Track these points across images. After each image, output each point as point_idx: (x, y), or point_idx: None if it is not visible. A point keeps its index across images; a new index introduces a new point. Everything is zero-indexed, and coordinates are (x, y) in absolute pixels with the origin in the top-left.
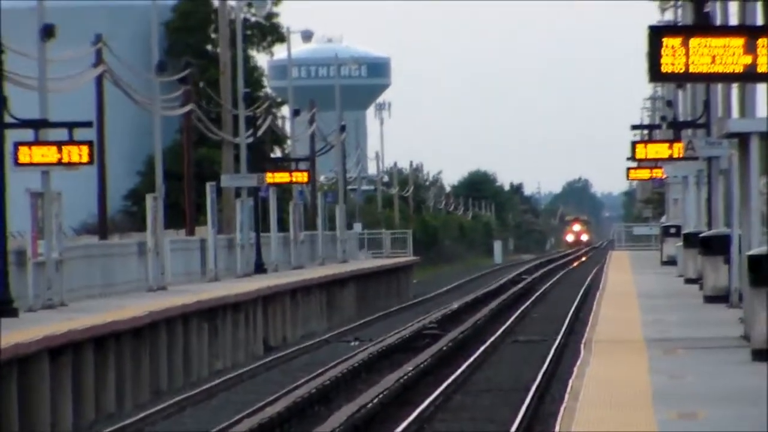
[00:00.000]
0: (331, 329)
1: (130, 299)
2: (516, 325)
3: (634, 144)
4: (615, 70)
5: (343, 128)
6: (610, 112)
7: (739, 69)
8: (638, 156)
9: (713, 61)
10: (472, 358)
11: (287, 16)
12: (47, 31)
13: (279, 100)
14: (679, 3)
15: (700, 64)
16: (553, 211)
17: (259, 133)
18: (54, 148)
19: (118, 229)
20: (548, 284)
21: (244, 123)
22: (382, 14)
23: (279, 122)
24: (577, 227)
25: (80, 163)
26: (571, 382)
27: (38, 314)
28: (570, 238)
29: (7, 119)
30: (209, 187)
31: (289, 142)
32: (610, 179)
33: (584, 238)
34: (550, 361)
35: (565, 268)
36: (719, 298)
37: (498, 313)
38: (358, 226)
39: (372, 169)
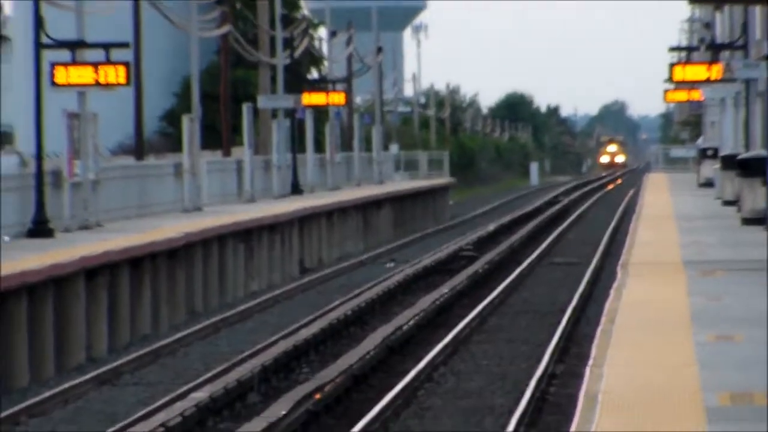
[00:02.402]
0: (367, 251)
1: (166, 220)
2: (552, 247)
3: (671, 66)
4: None
5: (379, 50)
6: (648, 34)
7: None
8: (676, 78)
9: None
10: (508, 280)
11: None
12: None
13: (316, 21)
14: None
15: None
16: (590, 133)
17: (296, 54)
18: (90, 69)
19: (154, 150)
20: (585, 206)
21: (282, 44)
22: None
23: (316, 43)
24: (612, 148)
25: (117, 84)
26: (607, 304)
27: (74, 235)
28: (605, 159)
29: (44, 40)
30: (246, 108)
31: (326, 63)
32: (648, 101)
33: (619, 159)
34: (587, 283)
35: (601, 190)
36: (757, 220)
37: (534, 235)
38: (394, 148)
39: (409, 91)
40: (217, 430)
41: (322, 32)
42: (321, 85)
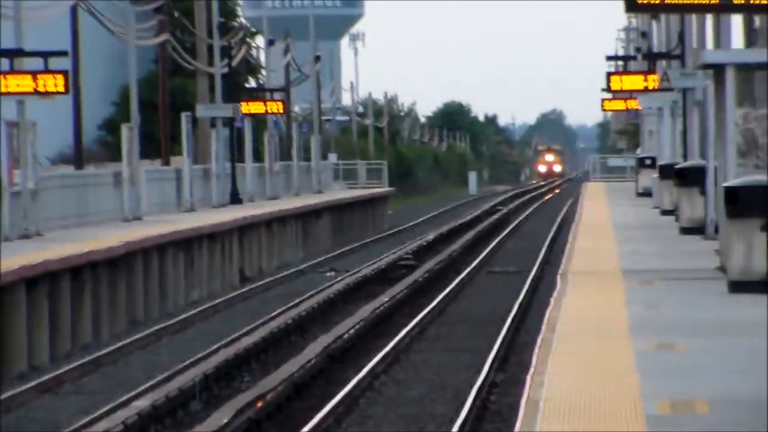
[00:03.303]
0: (306, 260)
1: (105, 229)
2: (491, 257)
3: (609, 75)
4: (590, 1)
5: (317, 58)
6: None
7: (714, 0)
8: (613, 87)
9: None
10: (447, 290)
11: None
12: None
13: (254, 30)
14: None
15: None
16: (528, 142)
17: (234, 63)
18: (29, 77)
19: (93, 159)
20: (523, 215)
21: (219, 53)
22: None
23: (254, 52)
24: (549, 157)
25: (55, 93)
26: (547, 313)
27: (14, 244)
28: (542, 168)
29: None
30: (184, 117)
31: (263, 72)
32: (585, 110)
33: (557, 169)
34: (526, 292)
35: (540, 199)
36: (695, 229)
37: (473, 245)
38: (333, 157)
39: (347, 100)
40: None
41: (260, 41)
42: (259, 94)
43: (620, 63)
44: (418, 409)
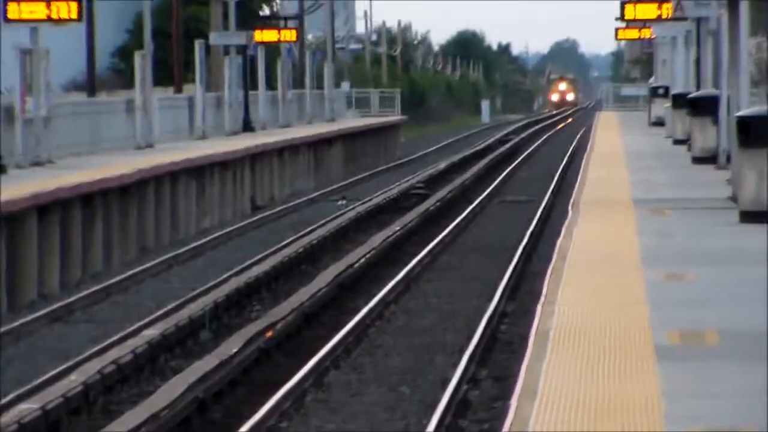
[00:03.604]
0: (318, 188)
1: (117, 157)
2: (503, 186)
3: (623, 4)
4: None
5: None
6: None
7: None
8: (627, 16)
9: None
10: (459, 219)
11: None
12: None
13: None
14: None
15: None
16: (541, 70)
17: None
18: (42, 4)
19: (106, 87)
20: (535, 144)
21: None
22: None
23: None
24: (562, 86)
25: (69, 20)
26: (558, 242)
27: (26, 171)
28: (555, 97)
29: None
30: (198, 44)
31: (277, 0)
32: (599, 39)
33: (570, 97)
34: (538, 221)
35: (552, 128)
36: (707, 159)
37: (485, 173)
38: (346, 85)
39: (360, 28)
40: (169, 367)
41: None
42: (273, 22)
43: None
44: (428, 338)
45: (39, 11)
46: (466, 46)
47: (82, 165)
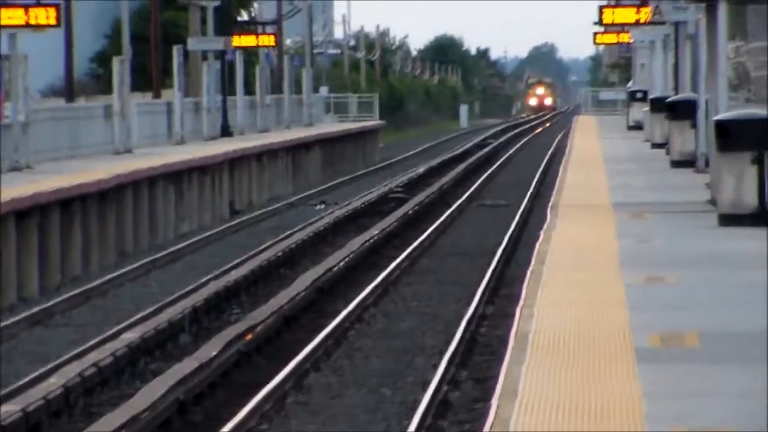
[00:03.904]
0: (296, 193)
1: (96, 162)
2: (482, 190)
3: (601, 8)
4: None
5: None
6: None
7: None
8: (605, 20)
9: None
10: (438, 222)
11: None
12: None
13: None
14: None
15: None
16: (520, 75)
17: None
18: (21, 11)
19: (84, 92)
20: (514, 149)
21: None
22: None
23: None
24: (540, 90)
25: (47, 26)
26: (537, 245)
27: (4, 176)
28: (533, 102)
29: None
30: (176, 50)
31: (255, 5)
32: (577, 44)
33: (548, 102)
34: (516, 225)
35: (531, 132)
36: (686, 162)
37: (464, 178)
38: (324, 90)
39: (338, 34)
40: (149, 370)
41: None
42: (251, 27)
43: None
44: (407, 341)
45: (17, 17)
46: (445, 51)
47: (61, 170)
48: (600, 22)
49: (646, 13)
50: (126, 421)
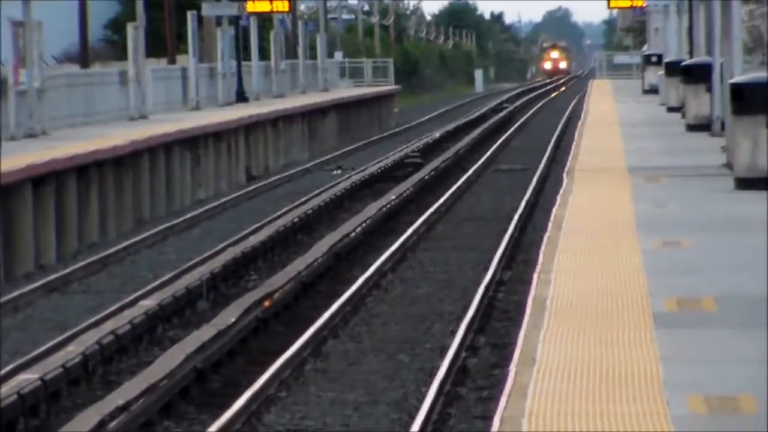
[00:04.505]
0: (312, 158)
1: (111, 128)
2: (498, 154)
3: None
4: None
5: None
6: None
7: None
8: None
9: None
10: (454, 187)
11: None
12: None
13: None
14: None
15: None
16: (534, 39)
17: None
18: None
19: (99, 58)
20: (529, 113)
21: None
22: None
23: None
24: (555, 54)
25: None
26: (554, 210)
27: (20, 143)
28: (548, 65)
29: None
30: (190, 15)
31: None
32: (592, 8)
33: (563, 66)
34: (533, 190)
35: (546, 96)
36: (701, 126)
37: (480, 142)
38: (339, 55)
39: None
40: (167, 337)
41: None
42: None
43: None
44: (425, 307)
45: None
46: (459, 15)
47: (77, 136)
48: None
49: None
50: (144, 390)
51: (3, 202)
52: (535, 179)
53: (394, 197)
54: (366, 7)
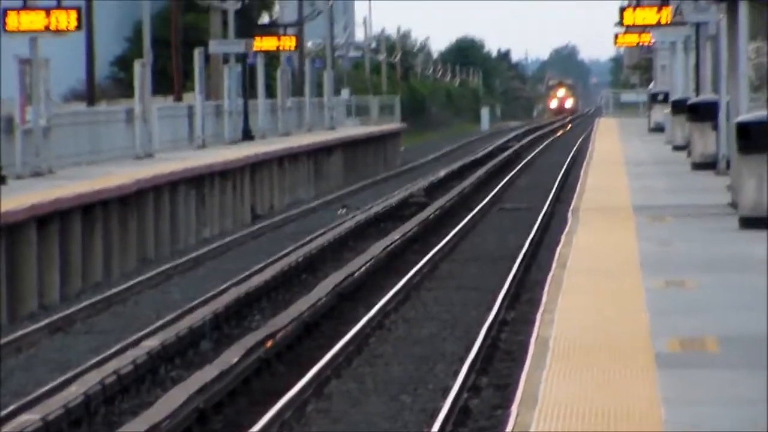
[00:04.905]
0: (318, 197)
1: (117, 166)
2: (503, 193)
3: (622, 9)
4: None
5: None
6: None
7: None
8: (626, 22)
9: None
10: (459, 227)
11: None
12: None
13: None
14: None
15: None
16: (541, 77)
17: None
18: (42, 14)
19: (105, 96)
20: (536, 151)
21: None
22: None
23: None
24: (561, 92)
25: (68, 30)
26: (558, 249)
27: (26, 181)
28: (554, 104)
29: None
30: (197, 53)
31: (276, 7)
32: (598, 45)
33: (569, 104)
34: (537, 228)
35: (552, 135)
36: (707, 164)
37: (485, 181)
38: (345, 93)
39: (360, 36)
40: (170, 377)
41: None
42: (272, 29)
43: None
44: (428, 347)
45: (38, 21)
46: (465, 53)
47: (82, 175)
48: (621, 24)
49: (667, 14)
50: (146, 430)
51: (7, 241)
52: (539, 218)
53: (398, 236)
54: (373, 45)
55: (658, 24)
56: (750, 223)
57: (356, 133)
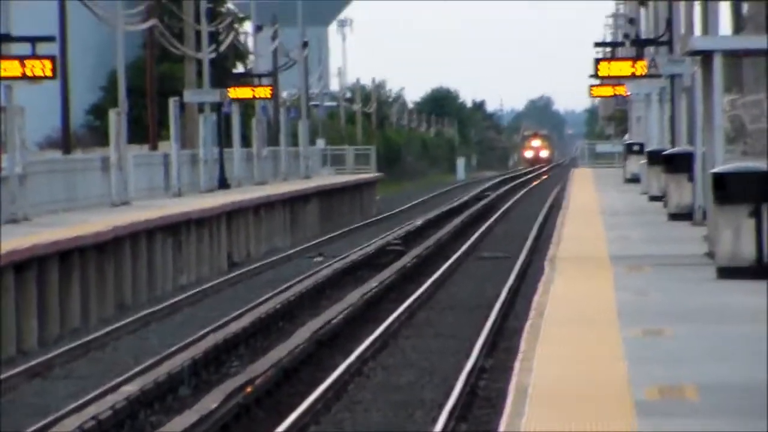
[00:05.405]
0: (294, 245)
1: (93, 214)
2: (480, 242)
3: (597, 61)
4: None
5: (305, 44)
6: (573, 29)
7: None
8: (601, 73)
9: None
10: (436, 275)
11: None
12: None
13: (241, 15)
14: None
15: None
16: (516, 128)
17: (222, 48)
18: (17, 63)
19: (81, 144)
20: (511, 201)
21: (207, 38)
22: None
23: (241, 38)
24: (536, 142)
25: (43, 78)
26: (535, 298)
27: (2, 228)
28: (529, 154)
29: None
30: (172, 102)
31: (251, 57)
32: (574, 96)
33: (544, 154)
34: (515, 278)
35: (528, 185)
36: (683, 215)
37: (461, 230)
38: (320, 142)
39: (335, 86)
40: (149, 423)
41: (248, 26)
42: (247, 79)
43: (608, 49)
44: (407, 395)
45: (13, 69)
46: (441, 103)
47: (58, 222)
48: (596, 75)
49: (641, 67)
50: None
51: None
52: (517, 267)
53: (375, 285)
54: (348, 95)
55: (633, 76)
56: (727, 273)
57: (332, 182)
